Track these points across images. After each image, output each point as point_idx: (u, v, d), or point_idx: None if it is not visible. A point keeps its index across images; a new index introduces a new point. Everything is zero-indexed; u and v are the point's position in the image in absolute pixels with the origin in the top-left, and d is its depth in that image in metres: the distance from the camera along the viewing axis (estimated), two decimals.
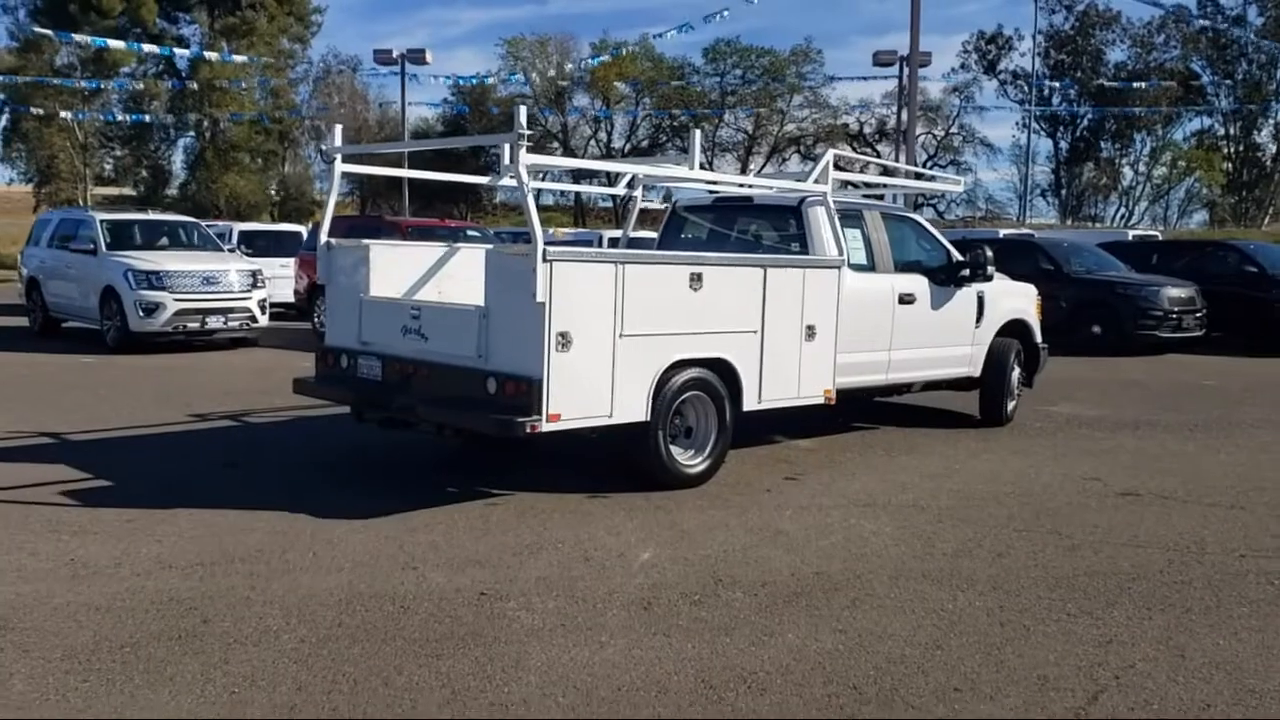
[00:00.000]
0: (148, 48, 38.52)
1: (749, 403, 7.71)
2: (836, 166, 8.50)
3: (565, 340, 6.53)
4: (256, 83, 62.97)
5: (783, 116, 69.53)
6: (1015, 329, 10.42)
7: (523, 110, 6.44)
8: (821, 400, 8.25)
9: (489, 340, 6.75)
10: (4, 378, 12.72)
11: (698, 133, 7.51)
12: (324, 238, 8.00)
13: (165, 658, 4.35)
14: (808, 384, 8.10)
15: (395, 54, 38.81)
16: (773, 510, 6.94)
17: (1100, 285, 18.27)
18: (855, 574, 5.61)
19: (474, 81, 62.28)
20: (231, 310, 15.86)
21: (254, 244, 22.37)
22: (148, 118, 59.82)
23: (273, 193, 66.98)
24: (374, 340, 7.60)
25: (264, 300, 16.37)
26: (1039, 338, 10.75)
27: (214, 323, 15.72)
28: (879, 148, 73.20)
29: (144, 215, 18.04)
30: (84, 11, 58.74)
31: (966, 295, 9.76)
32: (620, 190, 9.53)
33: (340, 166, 7.88)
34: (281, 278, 20.03)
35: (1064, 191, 73.44)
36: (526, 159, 6.48)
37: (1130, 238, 28.46)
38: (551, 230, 31.00)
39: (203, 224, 18.70)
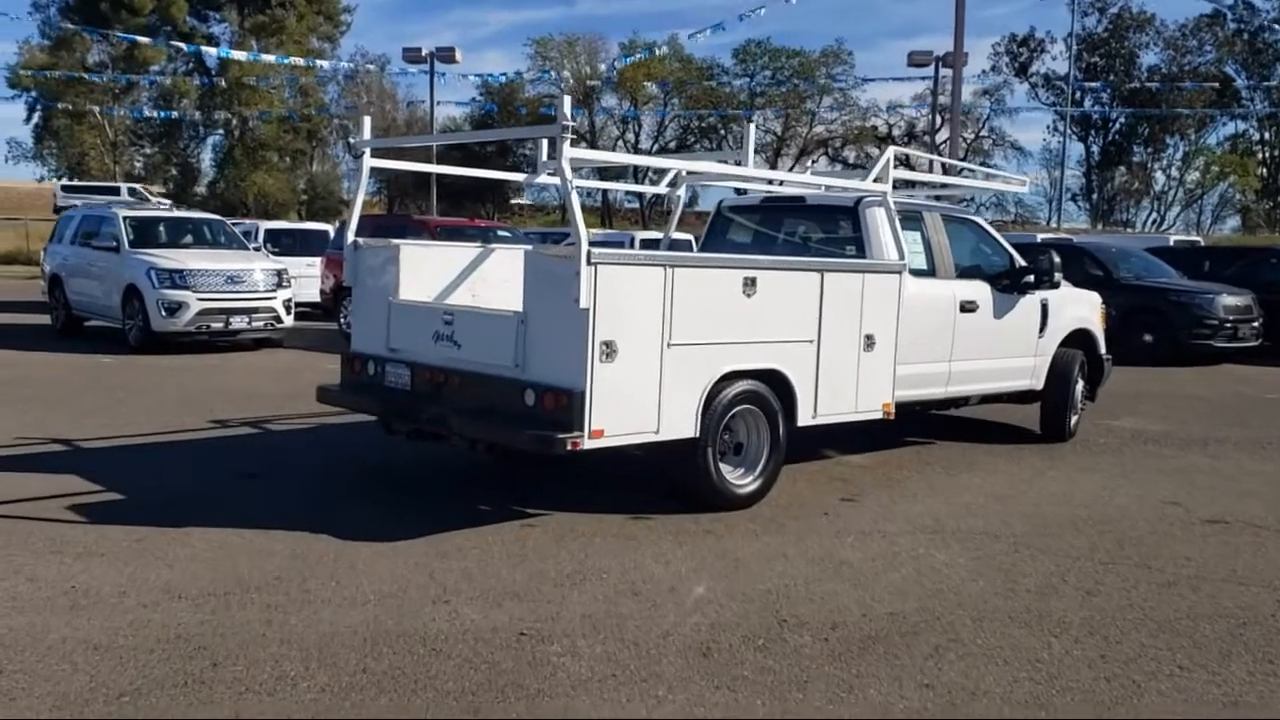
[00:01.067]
0: (176, 43, 38.15)
1: (804, 417, 7.17)
2: (897, 164, 7.94)
3: (610, 350, 6.01)
4: (285, 80, 62.77)
5: (812, 118, 68.80)
6: (1079, 339, 9.83)
7: (567, 101, 5.93)
8: (879, 415, 7.70)
9: (527, 348, 6.25)
10: (23, 378, 12.33)
11: (752, 126, 6.99)
12: (351, 237, 7.52)
13: (167, 708, 3.86)
14: (866, 397, 7.55)
15: (424, 52, 38.41)
16: (833, 537, 6.40)
17: (1152, 292, 17.57)
18: (933, 615, 5.06)
19: (503, 80, 61.91)
20: (256, 310, 15.44)
21: (280, 243, 21.99)
22: (176, 114, 59.70)
23: (300, 191, 66.87)
24: (403, 346, 7.11)
25: (289, 300, 15.95)
26: (1103, 349, 10.15)
27: (238, 323, 15.30)
28: (909, 150, 72.38)
29: (168, 212, 17.62)
30: (115, 10, 58.72)
31: (1030, 303, 9.18)
32: (662, 189, 9.01)
33: (369, 161, 7.39)
34: (307, 277, 19.61)
35: (1095, 196, 72.39)
36: (570, 153, 5.97)
37: (1171, 243, 27.69)
38: None
39: (228, 222, 18.30)
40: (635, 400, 6.20)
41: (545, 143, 8.45)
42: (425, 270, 7.42)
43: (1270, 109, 65.37)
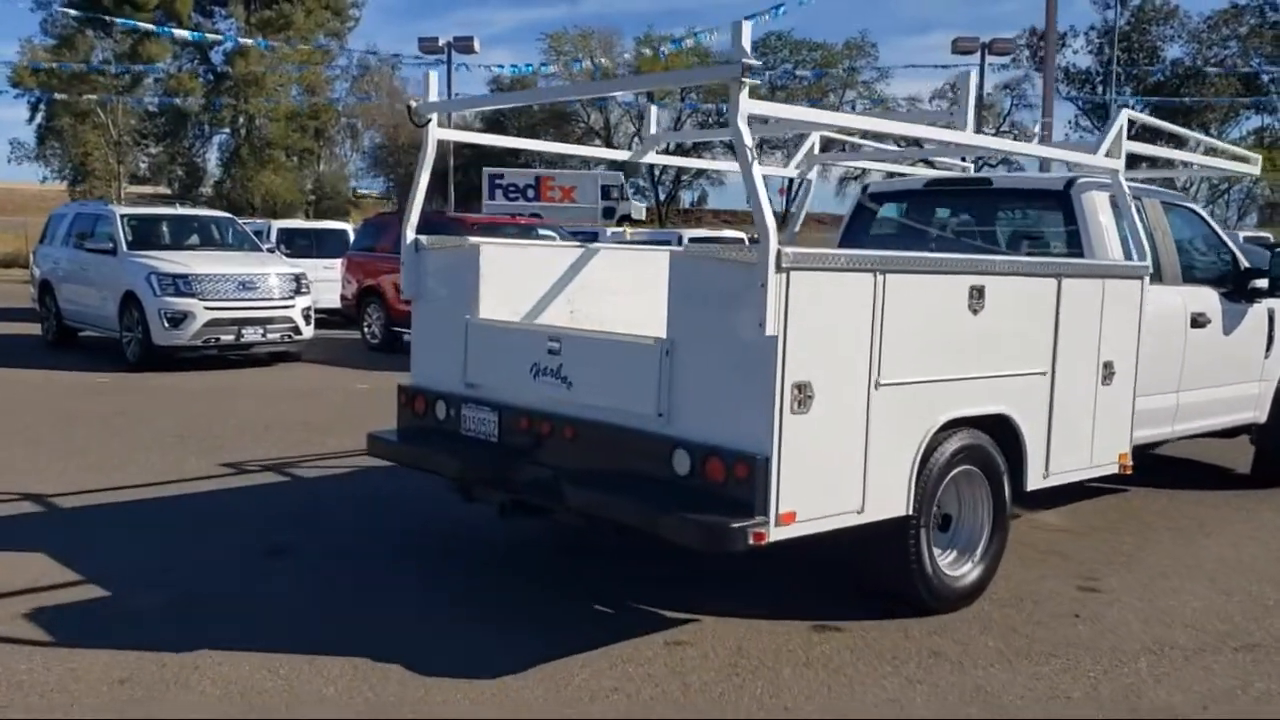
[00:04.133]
0: (179, 33, 36.39)
1: (1033, 478, 5.27)
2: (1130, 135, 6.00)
3: (804, 395, 4.12)
4: (292, 73, 61.01)
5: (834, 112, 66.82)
6: None
7: (746, 30, 4.02)
8: (1115, 469, 5.80)
9: (675, 391, 4.36)
10: (2, 403, 10.47)
11: (973, 74, 5.06)
12: (411, 234, 5.62)
13: None
14: (1101, 446, 5.65)
15: (441, 42, 36.50)
16: (1114, 659, 4.49)
17: None
18: None
19: (515, 72, 59.73)
20: (271, 320, 13.53)
21: (294, 243, 20.07)
22: (178, 101, 57.89)
23: (308, 191, 65.23)
24: (488, 382, 5.22)
25: (309, 309, 14.05)
26: None
27: (251, 335, 13.40)
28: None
29: (171, 210, 15.75)
30: (118, 5, 56.98)
31: (1256, 315, 7.24)
32: (791, 171, 7.15)
33: (436, 133, 5.48)
34: (325, 281, 17.70)
35: None
36: (751, 106, 4.07)
37: (1241, 239, 25.71)
38: (622, 229, 28.60)
39: (238, 221, 16.41)
40: (835, 466, 4.31)
41: (653, 111, 6.60)
42: (512, 278, 5.52)
43: None
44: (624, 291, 5.93)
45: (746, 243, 20.25)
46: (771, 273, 3.95)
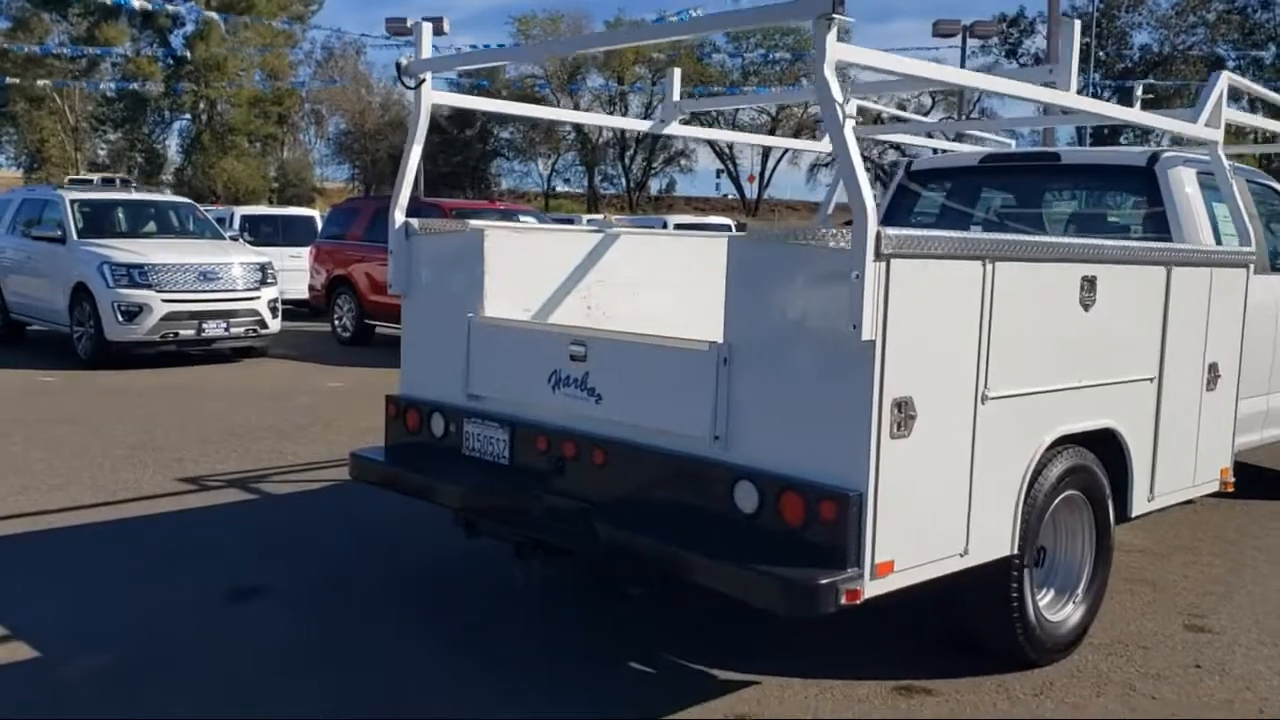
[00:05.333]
0: (138, 2, 35.04)
1: (1138, 502, 4.49)
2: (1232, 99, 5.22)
3: (905, 415, 3.31)
4: (256, 57, 59.62)
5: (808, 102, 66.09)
6: None
7: None
8: (1217, 486, 5.04)
9: (736, 409, 3.54)
10: None
11: (1077, 24, 4.24)
12: (400, 217, 4.74)
13: None
14: (1205, 461, 4.88)
15: (410, 22, 35.32)
16: None
17: None
18: None
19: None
20: (235, 314, 12.56)
21: (258, 231, 19.01)
22: (137, 85, 56.35)
23: (271, 179, 63.96)
24: (495, 393, 4.38)
25: (275, 300, 13.09)
26: None
27: (213, 329, 12.43)
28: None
29: (125, 194, 14.73)
30: None
31: None
32: (824, 146, 6.34)
33: (431, 95, 4.63)
34: (292, 270, 16.71)
35: None
36: (841, 51, 3.25)
37: None
38: (604, 216, 27.67)
39: (199, 206, 15.39)
40: (937, 501, 3.51)
41: (675, 75, 5.76)
42: (520, 270, 4.66)
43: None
44: (648, 285, 5.11)
45: (733, 228, 19.36)
46: (870, 260, 3.14)
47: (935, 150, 7.23)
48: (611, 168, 71.48)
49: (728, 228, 22.24)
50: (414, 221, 4.77)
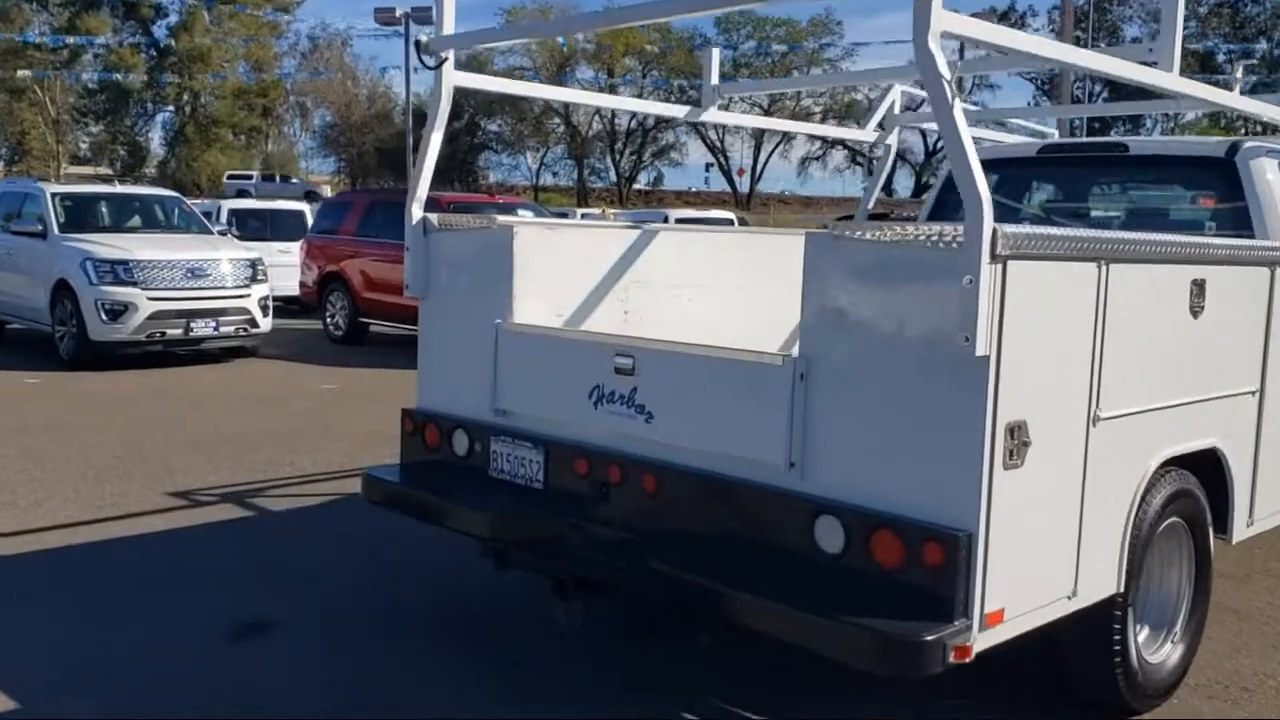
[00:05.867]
0: None
1: (1238, 528, 4.07)
2: None
3: (1019, 441, 2.88)
4: (240, 48, 58.94)
5: (799, 91, 65.61)
6: None
7: None
8: None
9: (815, 432, 3.09)
10: None
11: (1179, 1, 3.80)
12: (418, 212, 4.28)
13: None
14: None
15: (399, 13, 34.74)
16: None
17: None
18: None
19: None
20: (224, 312, 12.05)
21: (246, 226, 18.40)
22: (119, 77, 55.61)
23: (256, 172, 63.34)
24: (527, 408, 3.92)
25: (266, 298, 12.59)
26: None
27: (201, 328, 11.91)
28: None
29: (109, 188, 14.19)
30: None
31: None
32: (867, 134, 5.88)
33: (453, 76, 4.16)
34: (282, 266, 16.16)
35: None
36: (947, 21, 2.81)
37: None
38: (601, 211, 27.13)
39: (185, 200, 14.85)
40: (1048, 538, 3.08)
41: (712, 61, 5.31)
42: (552, 270, 4.20)
43: (1254, 81, 63.14)
44: (690, 286, 4.66)
45: (735, 223, 18.83)
46: (985, 262, 2.70)
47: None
48: (599, 161, 71.04)
49: (730, 222, 21.82)
50: (433, 217, 4.31)
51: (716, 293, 4.73)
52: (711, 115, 5.18)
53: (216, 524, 5.90)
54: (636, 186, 71.19)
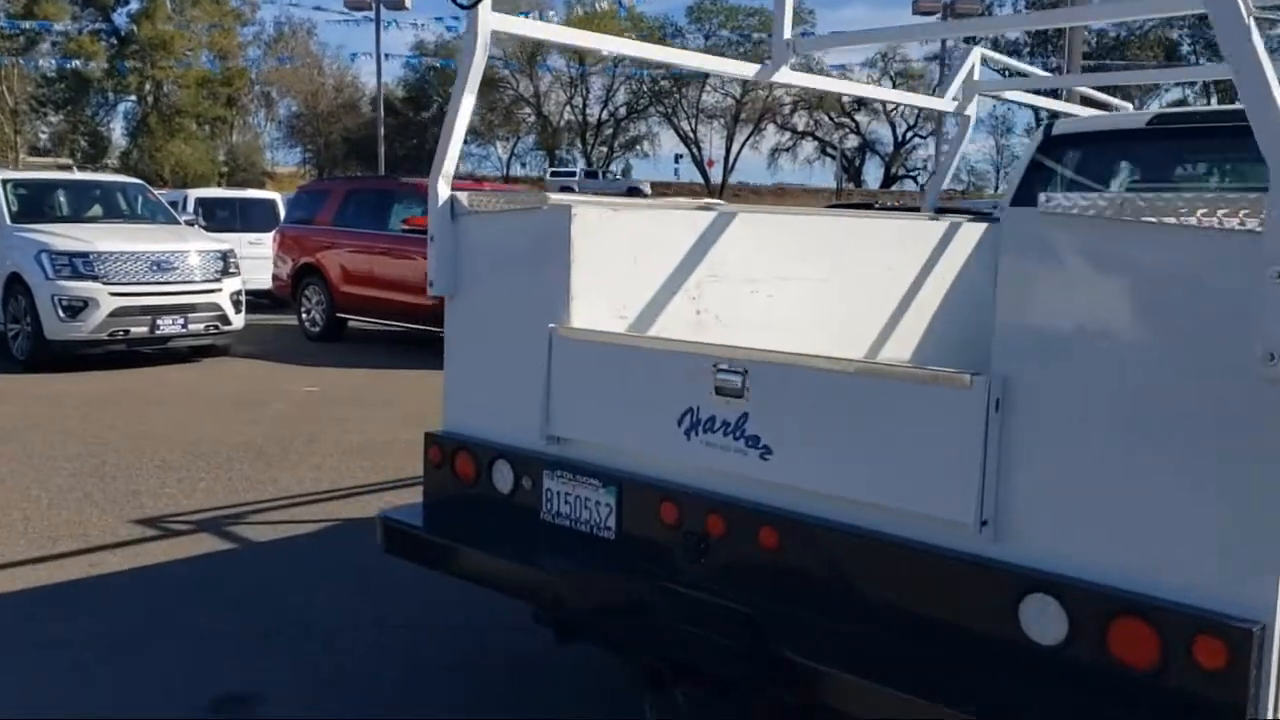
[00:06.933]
0: None
1: None
2: None
3: None
4: (204, 35, 57.51)
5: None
6: None
7: None
8: None
9: (1020, 479, 2.28)
10: None
11: None
12: (445, 190, 3.44)
13: None
14: None
15: None
16: None
17: None
18: None
19: (454, 31, 56.63)
20: (193, 308, 11.13)
21: (214, 216, 17.42)
22: (78, 64, 54.09)
23: (220, 162, 62.05)
24: (590, 436, 3.10)
25: (238, 293, 11.68)
26: None
27: (168, 326, 10.99)
28: (857, 118, 69.19)
29: (68, 175, 13.21)
30: None
31: None
32: (947, 103, 5.08)
33: (489, 19, 3.32)
34: (252, 258, 15.19)
35: None
36: None
37: None
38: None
39: (150, 188, 13.88)
40: None
41: (787, 7, 4.51)
42: (612, 261, 3.36)
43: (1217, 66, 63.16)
44: (772, 279, 3.83)
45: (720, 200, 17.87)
46: None
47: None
48: (566, 153, 70.06)
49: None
50: (463, 197, 3.47)
51: (801, 286, 3.92)
52: (785, 75, 4.36)
53: (190, 560, 5.04)
54: (609, 176, 70.27)
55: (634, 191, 43.29)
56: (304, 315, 13.93)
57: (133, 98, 62.59)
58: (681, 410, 2.84)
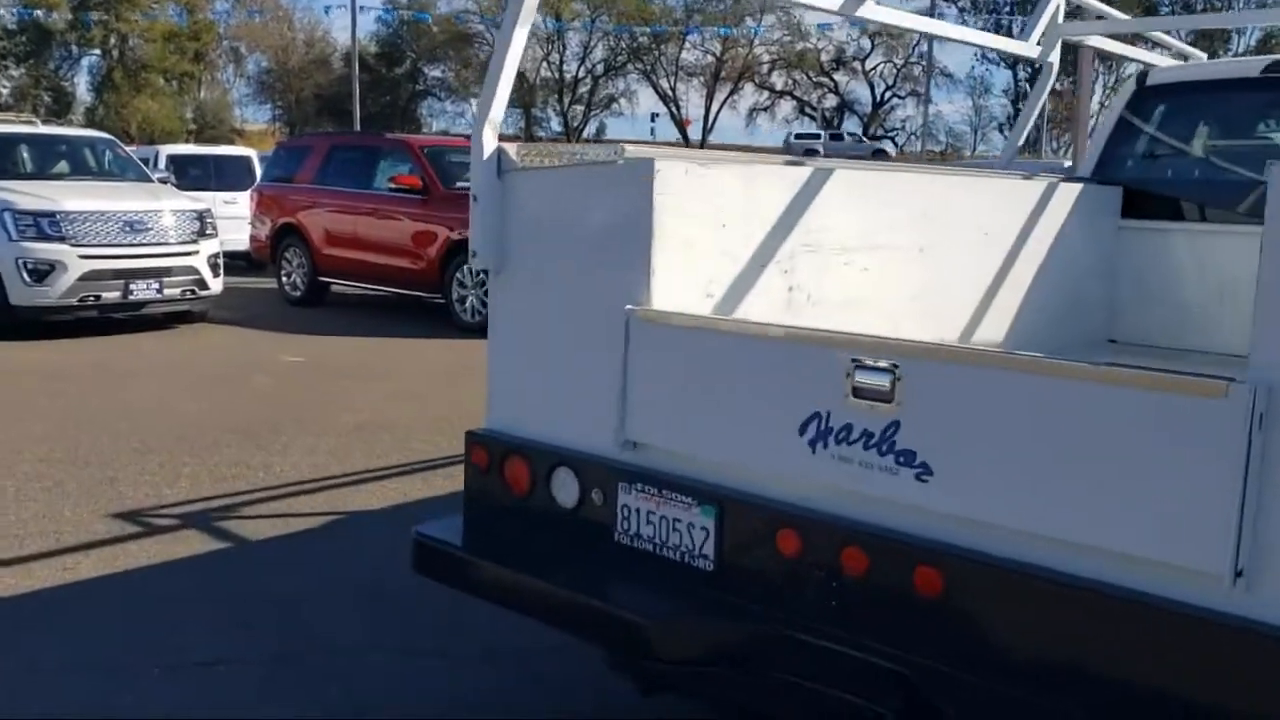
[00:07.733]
0: None
1: None
2: None
3: None
4: None
5: (753, 38, 64.06)
6: None
7: None
8: None
9: None
10: None
11: None
12: (489, 141, 2.84)
13: None
14: None
15: None
16: None
17: None
18: None
19: None
20: (168, 271, 10.45)
21: (186, 174, 16.59)
22: (39, 15, 52.59)
23: (189, 119, 60.70)
24: (678, 444, 2.54)
25: (216, 255, 11.00)
26: None
27: (142, 291, 10.31)
28: (836, 77, 68.42)
29: (31, 129, 12.43)
30: None
31: None
32: (1030, 48, 4.48)
33: None
34: (227, 218, 14.46)
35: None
36: None
37: None
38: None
39: (120, 144, 13.10)
40: None
41: None
42: (697, 230, 2.78)
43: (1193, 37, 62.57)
44: (865, 249, 3.26)
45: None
46: None
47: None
48: (540, 111, 68.92)
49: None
50: (511, 149, 2.87)
51: (895, 256, 3.36)
52: (869, 10, 3.75)
53: (175, 564, 4.45)
54: (585, 136, 69.26)
55: (879, 155, 41.62)
56: (284, 279, 13.26)
57: (97, 52, 61.09)
58: (805, 415, 2.28)
